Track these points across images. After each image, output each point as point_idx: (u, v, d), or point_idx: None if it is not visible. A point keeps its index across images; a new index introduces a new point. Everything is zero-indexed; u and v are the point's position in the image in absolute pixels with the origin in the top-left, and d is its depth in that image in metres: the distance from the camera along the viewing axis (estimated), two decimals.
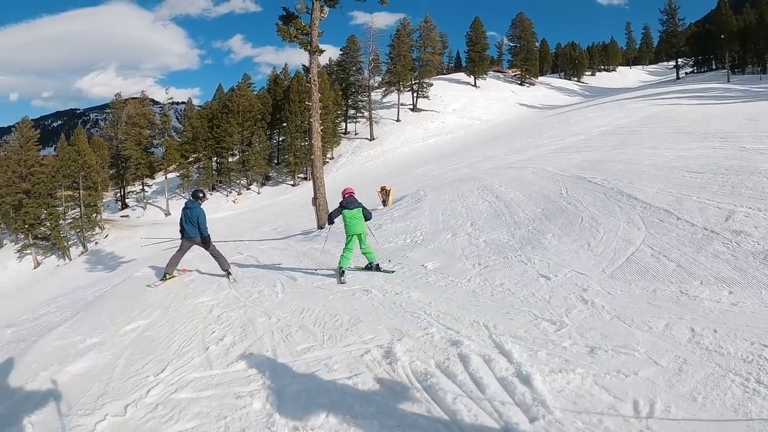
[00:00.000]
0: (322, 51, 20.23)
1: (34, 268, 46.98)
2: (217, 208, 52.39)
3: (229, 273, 9.73)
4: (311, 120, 19.90)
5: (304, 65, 21.54)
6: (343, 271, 8.77)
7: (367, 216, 9.23)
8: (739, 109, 29.00)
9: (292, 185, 59.32)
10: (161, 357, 5.80)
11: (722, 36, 71.72)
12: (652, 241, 7.93)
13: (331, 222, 9.65)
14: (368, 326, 5.93)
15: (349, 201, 9.20)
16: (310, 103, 19.95)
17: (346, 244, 9.13)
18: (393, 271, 8.86)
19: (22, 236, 49.79)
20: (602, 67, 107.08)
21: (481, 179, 16.62)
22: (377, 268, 9.10)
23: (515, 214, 11.62)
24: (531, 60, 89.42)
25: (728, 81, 61.38)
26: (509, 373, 4.36)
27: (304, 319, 6.57)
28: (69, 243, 49.91)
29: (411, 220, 13.58)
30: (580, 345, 4.85)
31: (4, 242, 53.35)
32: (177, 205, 55.63)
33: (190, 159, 61.92)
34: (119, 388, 5.09)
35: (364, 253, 9.26)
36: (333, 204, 22.68)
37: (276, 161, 65.38)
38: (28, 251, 48.63)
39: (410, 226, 13.02)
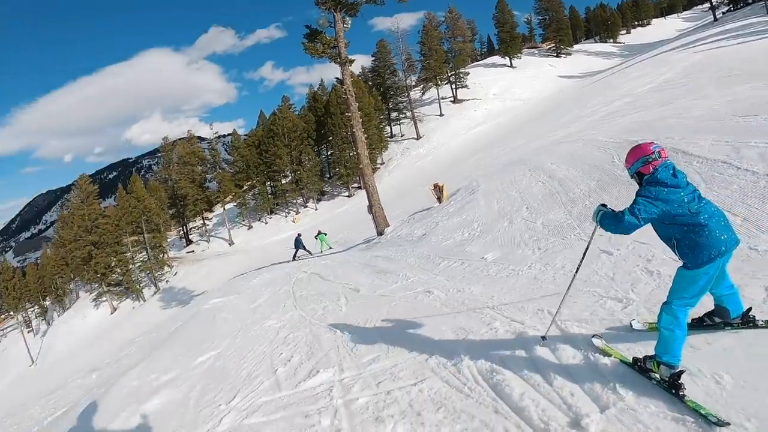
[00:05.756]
0: (352, 61, 20.36)
1: (111, 313, 48.79)
2: (278, 230, 53.31)
3: None
4: (354, 130, 20.08)
5: (337, 78, 21.71)
6: None
7: None
8: None
9: (348, 196, 59.34)
10: (232, 384, 5.88)
11: None
12: (712, 197, 7.19)
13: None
14: (431, 329, 5.75)
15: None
16: (349, 114, 20.10)
17: None
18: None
19: (96, 285, 52.08)
20: (636, 23, 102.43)
21: (531, 160, 15.98)
22: None
23: (570, 190, 11.05)
24: (563, 30, 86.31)
25: None
26: (576, 360, 4.09)
27: (368, 330, 6.51)
28: (141, 285, 51.64)
29: (467, 213, 13.26)
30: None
31: (80, 293, 56.08)
32: (238, 234, 56.90)
33: (245, 187, 63.11)
34: (194, 420, 5.19)
35: None
36: (391, 208, 22.58)
37: (328, 175, 65.71)
38: (104, 298, 50.69)
39: (466, 219, 12.73)
